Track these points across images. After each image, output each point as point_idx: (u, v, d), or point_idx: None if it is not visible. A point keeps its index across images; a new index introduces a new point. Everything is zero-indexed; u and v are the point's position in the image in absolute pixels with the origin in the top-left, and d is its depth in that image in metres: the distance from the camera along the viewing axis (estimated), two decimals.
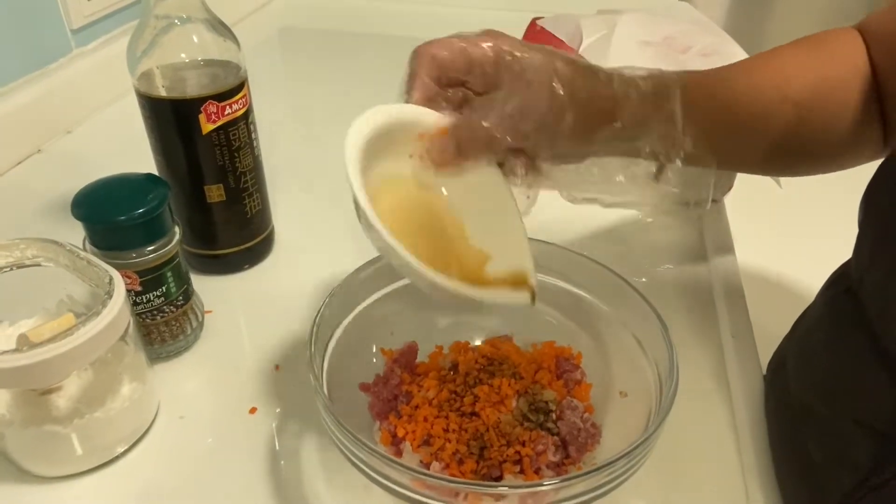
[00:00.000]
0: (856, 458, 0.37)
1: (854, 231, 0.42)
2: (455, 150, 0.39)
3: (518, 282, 0.39)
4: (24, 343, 0.36)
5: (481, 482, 0.38)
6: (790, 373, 0.45)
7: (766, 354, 0.52)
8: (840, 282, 0.45)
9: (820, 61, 0.44)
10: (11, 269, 0.43)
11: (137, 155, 0.53)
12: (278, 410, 0.46)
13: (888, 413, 0.36)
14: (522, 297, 0.38)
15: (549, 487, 0.33)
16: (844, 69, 0.43)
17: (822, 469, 0.39)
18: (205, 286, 0.53)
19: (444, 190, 0.41)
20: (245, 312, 0.54)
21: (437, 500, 0.35)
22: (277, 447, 0.44)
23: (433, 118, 0.40)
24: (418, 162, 0.40)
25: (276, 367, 0.49)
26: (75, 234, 0.62)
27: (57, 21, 0.77)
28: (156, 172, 0.51)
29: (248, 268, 0.58)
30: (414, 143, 0.40)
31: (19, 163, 0.73)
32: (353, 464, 0.36)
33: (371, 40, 1.06)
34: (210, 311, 0.53)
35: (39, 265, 0.44)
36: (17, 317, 0.46)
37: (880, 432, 0.36)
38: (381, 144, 0.38)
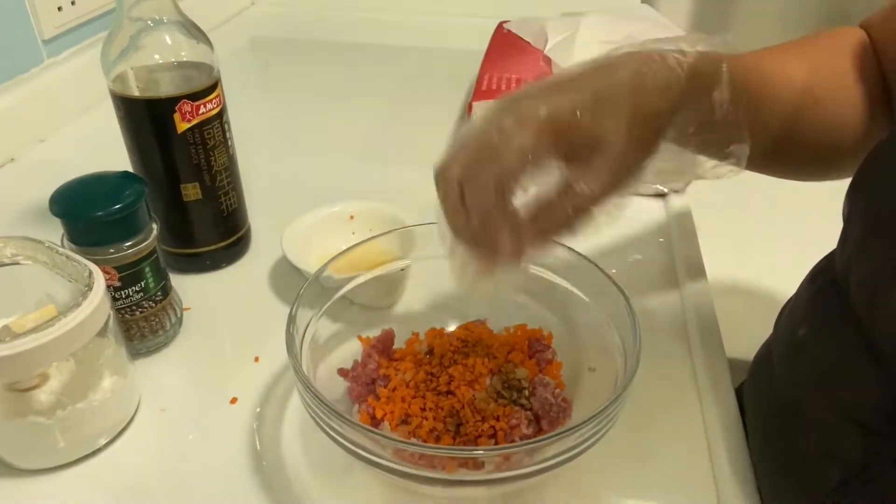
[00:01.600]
0: (843, 452, 0.37)
1: (822, 220, 0.43)
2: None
3: None
4: (7, 334, 0.37)
5: (459, 447, 0.39)
6: (775, 367, 0.45)
7: (728, 337, 0.54)
8: (823, 274, 0.44)
9: (828, 57, 0.44)
10: None
11: (111, 162, 0.53)
12: (258, 400, 0.47)
13: (876, 407, 0.36)
14: None
15: (521, 449, 0.35)
16: (852, 65, 0.43)
17: (808, 463, 0.40)
18: (183, 285, 0.54)
19: None
20: (223, 308, 0.55)
21: (417, 472, 0.36)
22: (258, 434, 0.45)
23: None
24: None
25: (256, 358, 0.50)
26: (55, 239, 0.63)
27: (28, 31, 0.77)
28: None
29: (226, 266, 0.59)
30: None
31: None
32: (335, 440, 0.37)
33: (341, 49, 1.07)
34: (188, 308, 0.53)
35: (18, 263, 0.44)
36: None
37: (868, 427, 0.36)
38: None
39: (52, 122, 0.80)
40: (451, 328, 0.49)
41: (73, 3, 0.82)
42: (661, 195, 0.68)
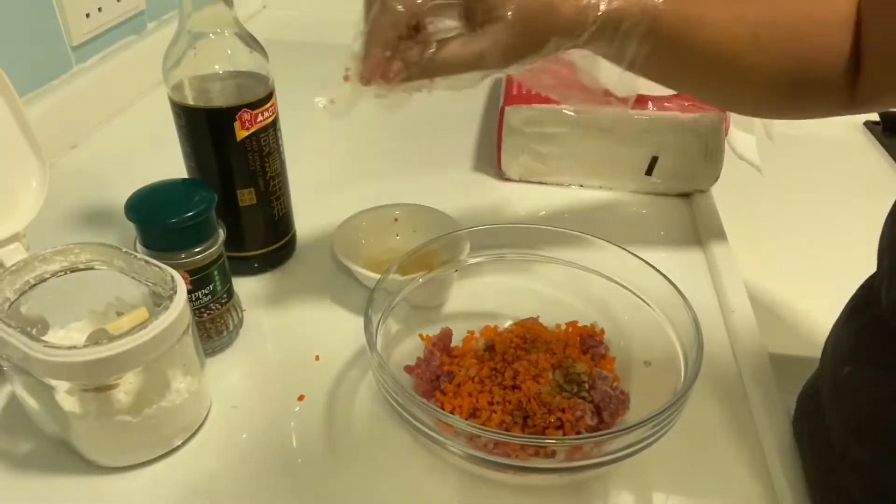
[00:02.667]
0: (893, 497, 0.37)
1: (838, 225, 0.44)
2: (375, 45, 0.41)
3: None
4: (104, 336, 0.39)
5: (536, 436, 0.41)
6: (825, 407, 0.44)
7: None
8: (865, 309, 0.43)
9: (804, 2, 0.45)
10: (65, 274, 0.45)
11: (144, 166, 0.54)
12: (326, 397, 0.49)
13: None
14: None
15: (595, 440, 0.37)
16: (828, 12, 0.44)
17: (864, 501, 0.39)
18: (236, 287, 0.55)
19: None
20: (277, 309, 0.57)
21: (490, 460, 0.38)
22: (329, 429, 0.46)
23: None
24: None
25: (317, 357, 0.52)
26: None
27: (57, 38, 0.78)
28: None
29: (273, 269, 0.61)
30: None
31: None
32: (415, 427, 0.39)
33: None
34: (245, 310, 0.55)
35: (93, 269, 0.46)
36: (67, 320, 0.48)
37: None
38: None
39: (83, 129, 0.81)
40: (504, 326, 0.52)
41: (99, 9, 0.83)
42: (687, 195, 0.71)
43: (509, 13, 0.40)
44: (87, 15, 0.81)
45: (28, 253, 0.48)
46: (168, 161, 0.57)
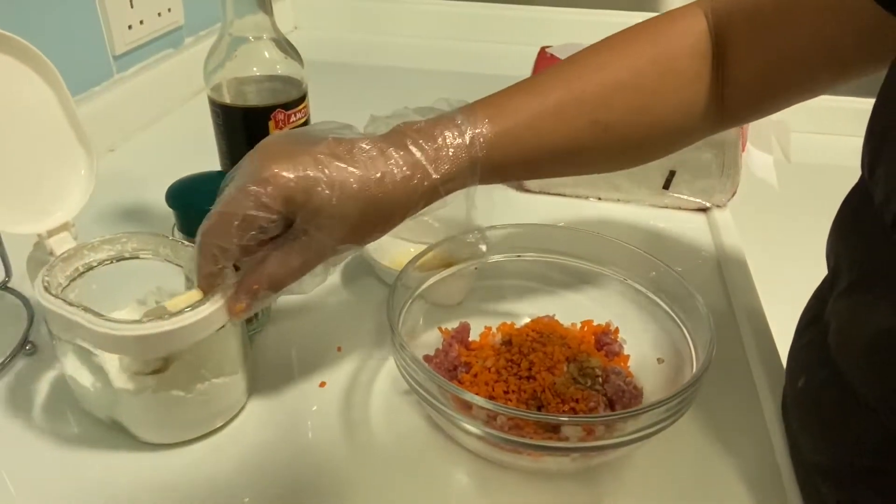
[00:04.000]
0: (858, 495, 0.38)
1: None
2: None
3: None
4: (162, 312, 0.41)
5: (549, 414, 0.43)
6: (791, 421, 0.45)
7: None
8: (813, 321, 0.44)
9: (653, 43, 0.45)
10: (112, 263, 0.48)
11: (177, 171, 0.56)
12: (346, 385, 0.50)
13: (877, 451, 0.36)
14: None
15: (614, 419, 0.38)
16: (678, 48, 0.45)
17: None
18: None
19: None
20: (298, 301, 0.59)
21: (507, 438, 0.39)
22: (348, 415, 0.48)
23: None
24: None
25: (339, 348, 0.53)
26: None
27: (101, 47, 0.82)
28: None
29: None
30: None
31: None
32: (434, 406, 0.41)
33: (383, 73, 1.12)
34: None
35: (138, 258, 0.48)
36: (111, 308, 0.50)
37: (875, 470, 0.36)
38: None
39: (121, 133, 0.85)
40: (520, 324, 0.53)
41: (141, 22, 0.87)
42: (703, 209, 0.72)
43: (325, 231, 0.39)
44: (130, 27, 0.85)
45: (76, 242, 0.50)
46: (200, 166, 0.59)
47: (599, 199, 0.74)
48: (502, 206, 0.74)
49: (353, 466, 0.45)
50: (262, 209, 0.37)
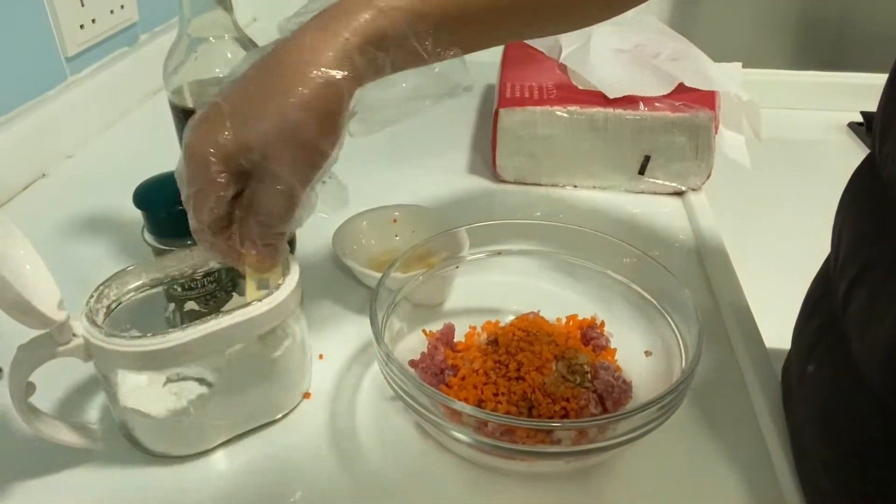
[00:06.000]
0: (860, 489, 0.37)
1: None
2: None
3: None
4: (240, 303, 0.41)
5: (540, 420, 0.42)
6: (796, 407, 0.45)
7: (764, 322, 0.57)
8: (821, 303, 0.44)
9: None
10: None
11: (140, 173, 0.54)
12: (331, 394, 0.49)
13: (878, 442, 0.36)
14: None
15: (605, 422, 0.38)
16: None
17: (832, 500, 0.40)
18: None
19: None
20: None
21: (498, 446, 0.39)
22: (334, 425, 0.47)
23: None
24: None
25: (321, 356, 0.52)
26: (90, 251, 0.65)
27: (52, 50, 0.79)
28: None
29: None
30: None
31: (25, 188, 0.74)
32: (423, 416, 0.40)
33: None
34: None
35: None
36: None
37: (874, 461, 0.36)
38: None
39: (78, 138, 0.81)
40: (504, 321, 0.52)
41: (93, 21, 0.83)
42: (679, 193, 0.72)
43: (270, 163, 0.38)
44: (82, 26, 0.82)
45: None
46: (165, 165, 0.57)
47: (575, 186, 0.73)
48: (479, 198, 0.73)
49: (342, 477, 0.44)
50: (208, 196, 0.38)
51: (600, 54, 0.76)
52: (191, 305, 0.49)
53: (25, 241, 0.39)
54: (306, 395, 0.49)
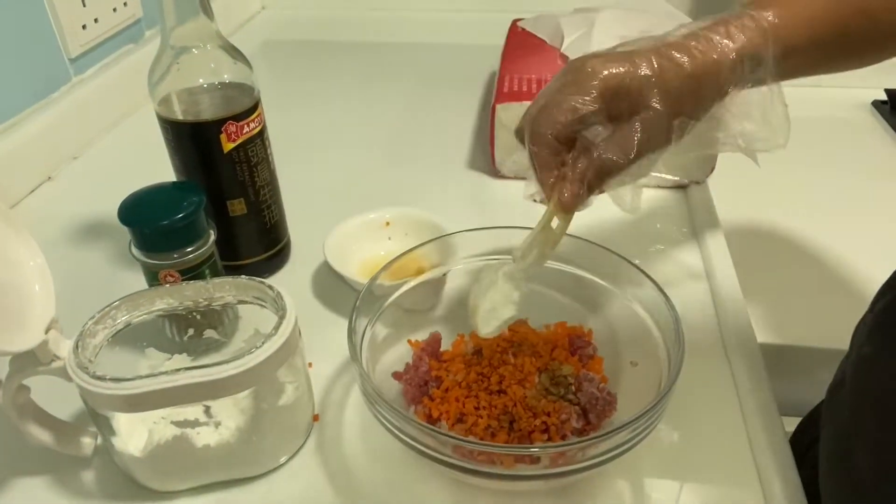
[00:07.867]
0: None
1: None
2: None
3: None
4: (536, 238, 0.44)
5: (518, 445, 0.42)
6: (847, 389, 0.45)
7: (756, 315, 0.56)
8: (892, 285, 0.43)
9: None
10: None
11: (145, 174, 0.54)
12: (318, 403, 0.49)
13: None
14: None
15: (578, 446, 0.37)
16: None
17: (873, 484, 0.39)
18: None
19: None
20: None
21: (478, 468, 0.39)
22: (320, 435, 0.47)
23: None
24: None
25: (310, 364, 0.52)
26: (95, 256, 0.65)
27: (55, 51, 0.79)
28: None
29: (267, 276, 0.61)
30: None
31: (32, 191, 0.75)
32: (401, 440, 0.40)
33: (353, 48, 1.09)
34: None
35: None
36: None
37: None
38: None
39: (84, 139, 0.82)
40: None
41: (95, 20, 0.84)
42: (682, 186, 0.70)
43: (655, 102, 0.39)
44: (84, 26, 0.82)
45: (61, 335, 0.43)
46: (170, 168, 0.58)
47: None
48: (478, 193, 0.72)
49: (327, 488, 0.44)
50: (582, 98, 0.39)
51: (603, 43, 0.74)
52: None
53: (38, 253, 0.39)
54: (315, 418, 0.49)
